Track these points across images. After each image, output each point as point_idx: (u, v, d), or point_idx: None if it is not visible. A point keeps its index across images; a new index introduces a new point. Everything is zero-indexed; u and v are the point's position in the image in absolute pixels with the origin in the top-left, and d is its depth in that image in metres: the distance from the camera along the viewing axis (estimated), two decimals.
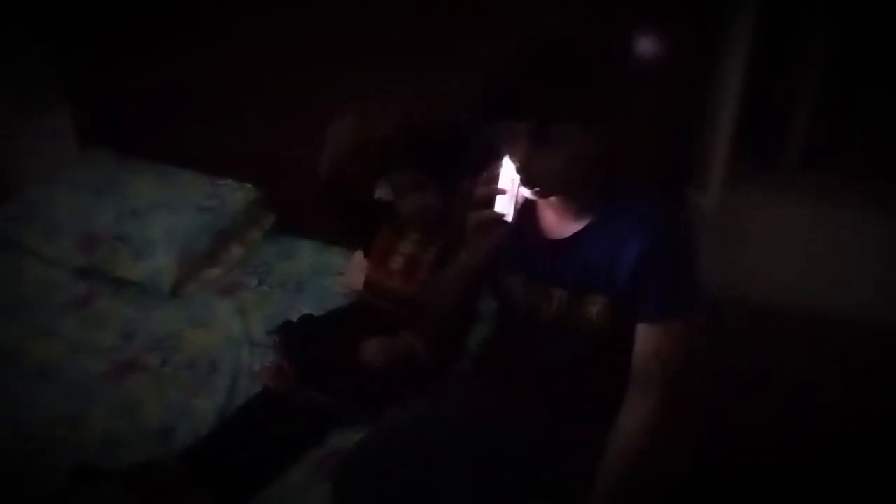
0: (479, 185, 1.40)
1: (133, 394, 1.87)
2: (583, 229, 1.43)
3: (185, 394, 1.87)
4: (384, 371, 1.81)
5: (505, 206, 1.37)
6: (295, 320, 2.00)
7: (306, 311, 2.06)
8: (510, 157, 1.36)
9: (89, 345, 2.03)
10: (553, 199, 1.44)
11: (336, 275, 2.23)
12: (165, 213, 2.27)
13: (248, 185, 2.39)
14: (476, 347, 1.83)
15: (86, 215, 2.31)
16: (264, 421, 1.76)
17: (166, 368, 1.95)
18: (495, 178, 1.38)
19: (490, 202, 1.38)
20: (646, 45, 1.72)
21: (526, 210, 1.44)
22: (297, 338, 1.92)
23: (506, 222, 1.38)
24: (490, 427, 1.57)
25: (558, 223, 1.46)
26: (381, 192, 2.01)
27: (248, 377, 1.90)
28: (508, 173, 1.37)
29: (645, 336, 1.40)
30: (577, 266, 1.43)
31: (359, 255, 2.06)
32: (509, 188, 1.37)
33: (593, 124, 1.33)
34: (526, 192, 1.39)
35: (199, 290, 2.22)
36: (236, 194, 2.36)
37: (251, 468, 1.67)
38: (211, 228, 2.28)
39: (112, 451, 1.72)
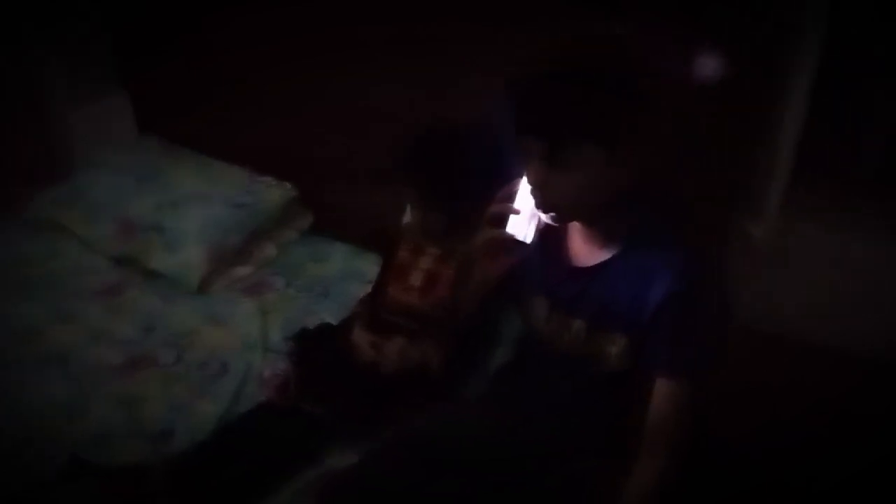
0: (493, 204, 1.31)
1: (139, 389, 1.84)
2: (609, 260, 1.30)
3: (190, 394, 1.83)
4: (395, 377, 1.73)
5: (521, 227, 1.28)
6: (313, 328, 1.92)
7: (327, 317, 2.00)
8: (526, 177, 1.26)
9: (109, 334, 2.01)
10: (577, 224, 1.33)
11: (366, 282, 2.15)
12: (201, 207, 2.24)
13: (287, 184, 2.33)
14: (494, 372, 1.73)
15: (127, 202, 2.31)
16: (262, 435, 1.69)
17: (178, 366, 1.91)
18: (511, 197, 1.29)
19: (503, 222, 1.29)
20: (691, 54, 1.55)
21: (553, 231, 1.33)
22: (310, 347, 1.85)
23: (519, 244, 1.29)
24: (491, 456, 1.48)
25: (584, 249, 1.34)
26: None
27: (256, 384, 1.85)
28: (527, 192, 1.27)
29: (664, 392, 1.27)
30: (598, 300, 1.32)
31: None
32: (526, 208, 1.28)
33: (619, 146, 1.18)
34: (542, 216, 1.28)
35: (227, 287, 2.18)
36: (273, 192, 2.31)
37: (241, 485, 1.61)
38: (244, 226, 2.24)
39: (106, 447, 1.69)
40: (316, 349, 1.85)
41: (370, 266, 2.19)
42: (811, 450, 1.85)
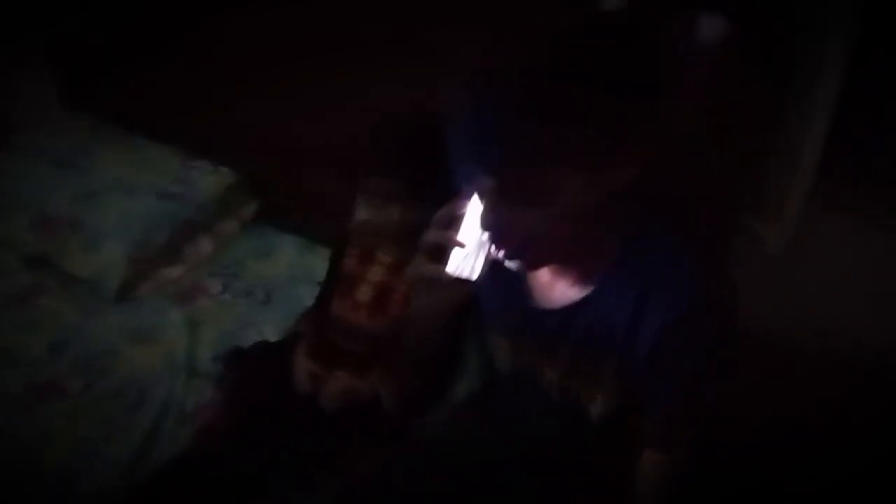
0: (431, 230, 0.99)
1: (43, 425, 1.58)
2: (587, 297, 1.02)
3: (100, 431, 1.57)
4: (341, 418, 1.48)
5: (465, 260, 0.96)
6: (247, 347, 1.65)
7: (267, 331, 1.75)
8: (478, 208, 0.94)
9: (16, 354, 1.74)
10: None
11: (315, 283, 1.87)
12: (123, 198, 1.96)
13: (225, 169, 2.05)
14: (458, 403, 1.46)
15: (44, 192, 2.02)
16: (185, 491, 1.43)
17: (88, 397, 1.64)
18: (454, 222, 0.97)
19: (441, 254, 0.98)
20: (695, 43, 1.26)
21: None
22: (245, 374, 1.58)
23: (462, 283, 0.97)
24: None
25: (552, 286, 1.05)
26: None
27: (176, 418, 1.59)
28: (476, 218, 0.95)
29: (652, 463, 1.06)
30: (574, 345, 1.05)
31: None
32: (473, 237, 0.96)
33: (609, 167, 0.87)
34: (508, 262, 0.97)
35: (155, 291, 1.90)
36: (208, 179, 2.02)
37: None
38: (172, 219, 1.95)
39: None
40: (251, 376, 1.57)
41: (323, 263, 1.90)
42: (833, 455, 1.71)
